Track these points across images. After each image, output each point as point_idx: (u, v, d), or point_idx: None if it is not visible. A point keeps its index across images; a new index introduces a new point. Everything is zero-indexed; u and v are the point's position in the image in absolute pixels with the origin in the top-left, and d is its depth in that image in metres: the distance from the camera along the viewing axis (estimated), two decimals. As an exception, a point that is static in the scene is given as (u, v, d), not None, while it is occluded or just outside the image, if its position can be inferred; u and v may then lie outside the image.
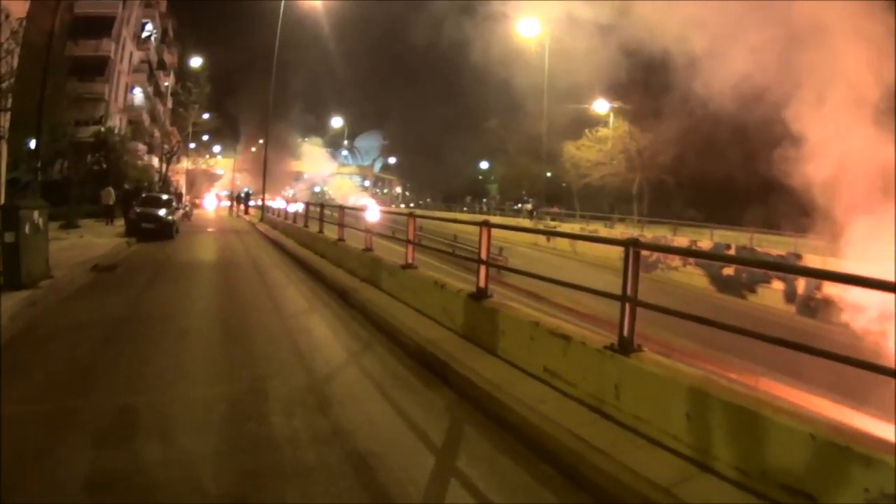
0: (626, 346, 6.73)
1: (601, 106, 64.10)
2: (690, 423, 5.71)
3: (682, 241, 38.88)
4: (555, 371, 7.67)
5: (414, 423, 7.19)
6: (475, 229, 10.68)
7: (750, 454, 5.13)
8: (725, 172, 45.59)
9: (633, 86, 52.55)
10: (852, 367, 4.91)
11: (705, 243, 37.09)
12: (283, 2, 48.81)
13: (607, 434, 6.25)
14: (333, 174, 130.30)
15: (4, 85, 18.61)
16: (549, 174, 74.58)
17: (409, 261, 13.97)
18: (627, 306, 6.77)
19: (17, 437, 6.35)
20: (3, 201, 21.61)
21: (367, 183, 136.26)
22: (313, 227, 26.47)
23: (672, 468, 5.52)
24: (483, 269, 10.25)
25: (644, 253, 6.89)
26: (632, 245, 6.76)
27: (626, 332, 6.75)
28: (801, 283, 25.50)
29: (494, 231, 10.71)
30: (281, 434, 6.72)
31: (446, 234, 32.44)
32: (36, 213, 14.50)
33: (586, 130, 65.01)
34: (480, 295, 10.11)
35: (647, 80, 48.08)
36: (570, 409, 6.92)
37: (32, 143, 30.11)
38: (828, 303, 22.64)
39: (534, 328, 8.28)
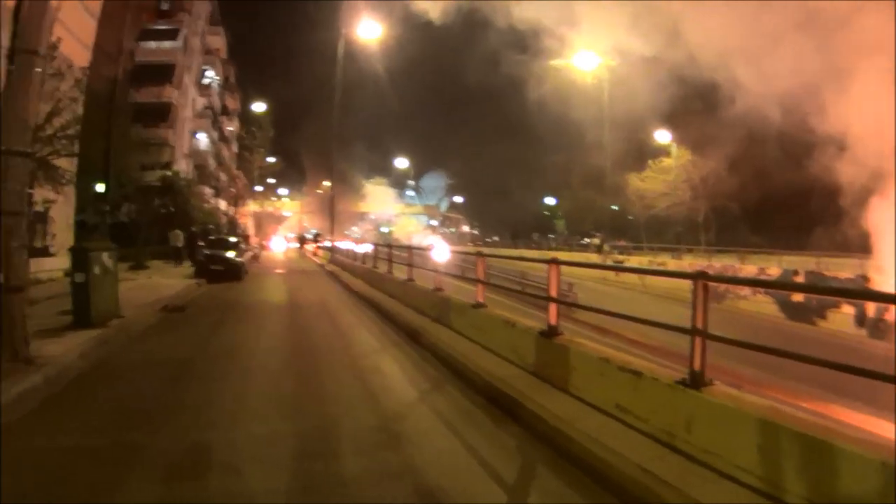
0: (697, 380, 6.71)
1: (663, 136, 63.82)
2: (761, 456, 5.68)
3: (750, 269, 38.49)
4: (625, 406, 7.66)
5: (484, 459, 7.21)
6: (543, 266, 10.74)
7: (821, 485, 5.11)
8: (790, 195, 45.26)
9: (692, 113, 52.42)
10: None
11: (773, 270, 36.60)
12: (341, 50, 49.25)
13: (677, 468, 6.24)
14: (398, 214, 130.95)
15: (70, 131, 19.13)
16: (614, 207, 74.31)
17: (479, 300, 14.02)
18: (697, 340, 6.76)
19: (82, 471, 6.57)
20: (72, 243, 22.15)
21: (433, 222, 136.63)
22: (382, 268, 26.65)
23: (742, 501, 5.51)
24: (553, 307, 10.26)
25: (712, 283, 6.86)
26: (700, 278, 6.77)
27: (696, 366, 6.74)
28: (871, 306, 25.04)
29: (563, 267, 10.74)
30: (350, 471, 6.79)
31: (514, 272, 32.43)
32: (105, 255, 14.88)
33: (649, 161, 64.71)
34: (551, 332, 10.11)
35: (705, 107, 47.96)
36: (641, 444, 6.92)
37: (99, 187, 30.81)
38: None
39: (604, 364, 8.31)
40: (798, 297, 29.64)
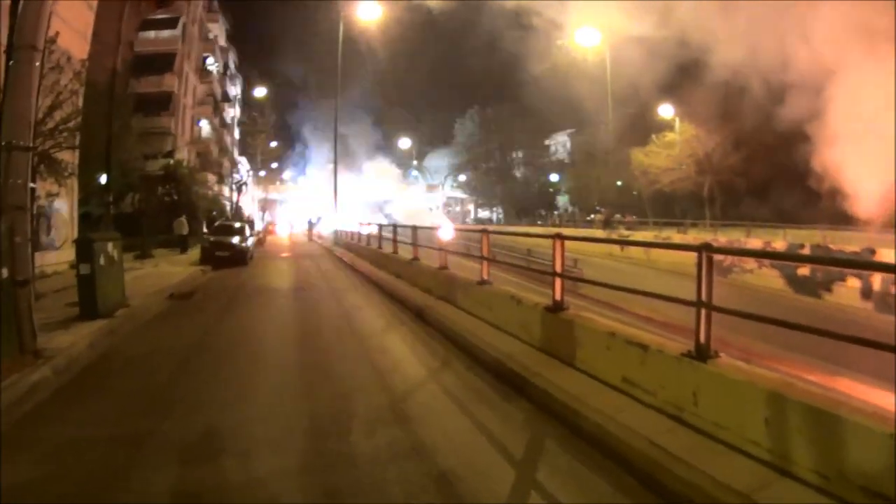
0: (702, 353, 6.71)
1: (666, 111, 63.77)
2: (769, 428, 5.69)
3: (755, 242, 38.33)
4: (633, 380, 7.69)
5: (493, 436, 7.25)
6: (549, 242, 10.74)
7: (828, 457, 5.12)
8: (796, 169, 45.18)
9: (695, 88, 52.41)
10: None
11: (779, 244, 36.44)
12: (340, 29, 49.32)
13: (686, 441, 6.27)
14: (400, 195, 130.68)
15: (71, 124, 19.10)
16: (619, 183, 74.21)
17: (485, 277, 14.02)
18: (703, 312, 6.76)
19: (97, 459, 6.60)
20: (76, 235, 22.18)
21: (437, 202, 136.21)
22: (387, 248, 26.67)
23: (751, 474, 5.52)
24: (558, 282, 10.25)
25: (718, 257, 6.84)
26: (704, 250, 6.75)
27: (702, 339, 6.73)
28: (878, 280, 24.98)
29: (568, 243, 10.74)
30: (360, 451, 6.83)
31: (520, 249, 32.42)
32: (110, 245, 14.88)
33: (653, 136, 64.58)
34: (556, 307, 10.13)
35: (709, 82, 48.01)
36: (649, 418, 6.95)
37: (103, 178, 30.87)
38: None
39: (610, 338, 8.31)
40: (804, 271, 29.58)
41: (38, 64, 10.73)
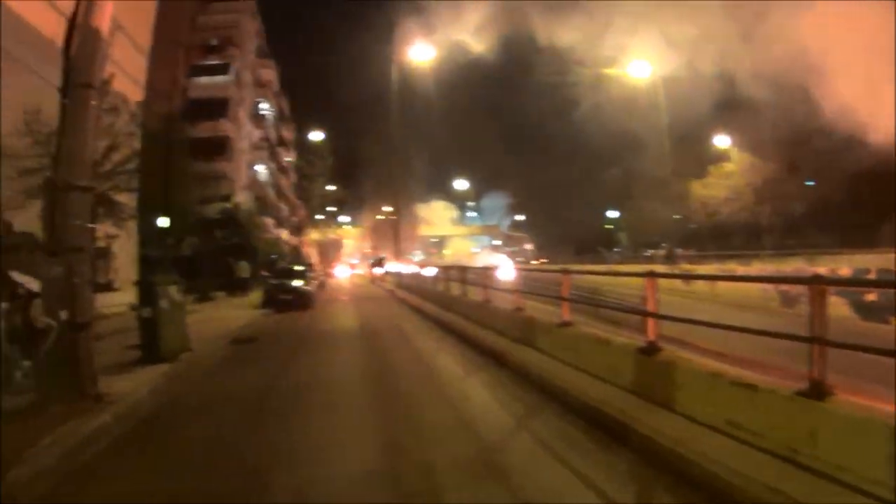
0: (819, 391, 6.46)
1: (722, 141, 63.45)
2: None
3: (820, 270, 37.85)
4: (737, 422, 7.42)
5: (599, 489, 6.94)
6: (616, 280, 10.53)
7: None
8: (856, 191, 44.56)
9: (749, 117, 52.19)
10: None
11: (844, 271, 35.95)
12: (395, 75, 49.77)
13: (805, 485, 5.99)
14: (451, 236, 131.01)
15: (129, 166, 19.36)
16: (677, 216, 73.73)
17: (566, 318, 13.79)
18: (816, 347, 6.53)
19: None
20: (135, 278, 22.35)
21: (496, 242, 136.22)
22: (454, 290, 26.51)
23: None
24: (652, 322, 10.02)
25: (784, 287, 6.68)
26: (816, 282, 6.55)
27: (817, 375, 6.50)
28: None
29: (627, 280, 10.56)
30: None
31: (586, 288, 32.16)
32: (172, 288, 14.97)
33: (710, 167, 64.27)
34: (651, 349, 9.87)
35: (762, 110, 47.82)
36: (761, 462, 6.66)
37: (161, 221, 31.26)
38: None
39: (714, 379, 8.08)
40: (871, 297, 29.08)
41: (93, 102, 10.78)
